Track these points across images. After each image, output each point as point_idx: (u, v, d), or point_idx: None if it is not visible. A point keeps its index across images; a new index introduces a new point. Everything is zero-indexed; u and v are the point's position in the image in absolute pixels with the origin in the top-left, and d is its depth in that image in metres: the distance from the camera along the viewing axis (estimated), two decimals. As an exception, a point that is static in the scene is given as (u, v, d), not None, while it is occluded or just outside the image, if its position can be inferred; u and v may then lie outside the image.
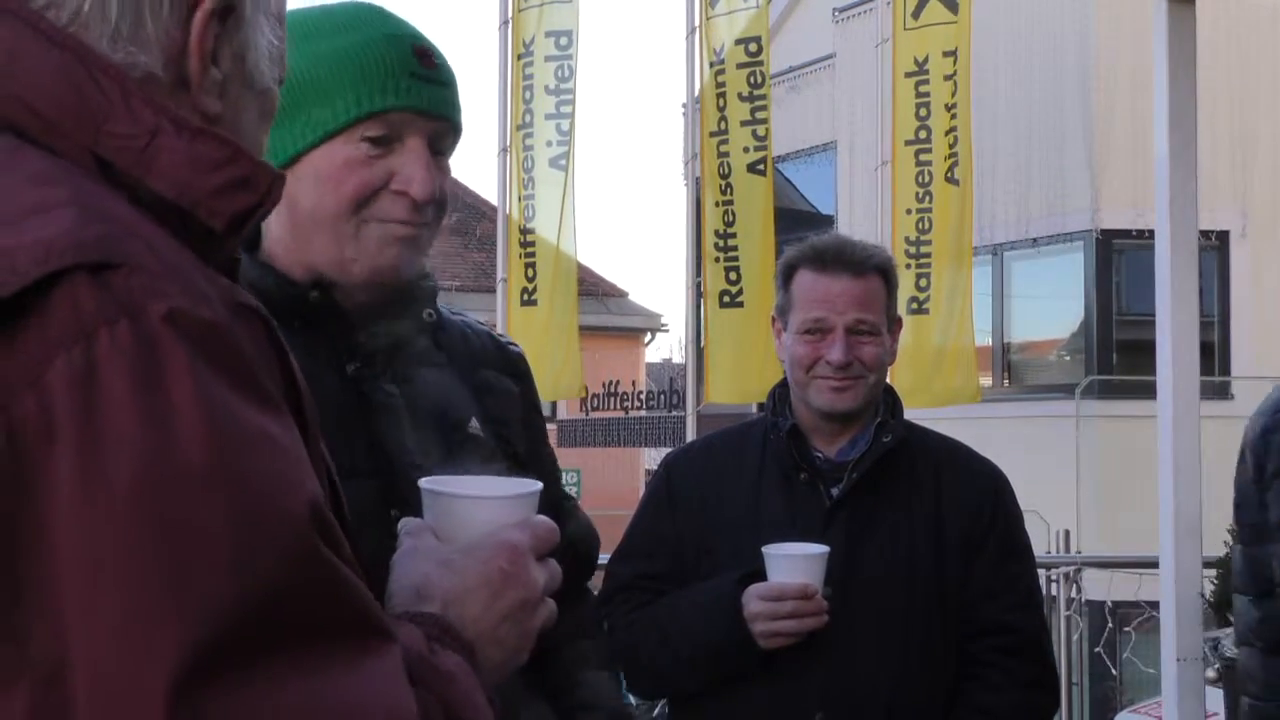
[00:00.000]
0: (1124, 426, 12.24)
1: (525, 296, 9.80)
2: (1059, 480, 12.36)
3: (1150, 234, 3.85)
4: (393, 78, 1.74)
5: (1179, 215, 3.59)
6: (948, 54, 8.80)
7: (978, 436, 3.35)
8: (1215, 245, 13.91)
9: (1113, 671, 8.82)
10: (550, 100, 9.84)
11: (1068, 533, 7.96)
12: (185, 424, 0.91)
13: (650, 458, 22.30)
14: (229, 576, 0.90)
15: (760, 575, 2.63)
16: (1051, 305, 15.03)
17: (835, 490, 2.79)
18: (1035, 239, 14.56)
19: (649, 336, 27.88)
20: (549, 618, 1.37)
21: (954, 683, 2.75)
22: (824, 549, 2.63)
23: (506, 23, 10.05)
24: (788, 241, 4.06)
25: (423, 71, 1.76)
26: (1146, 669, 8.16)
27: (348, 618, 0.97)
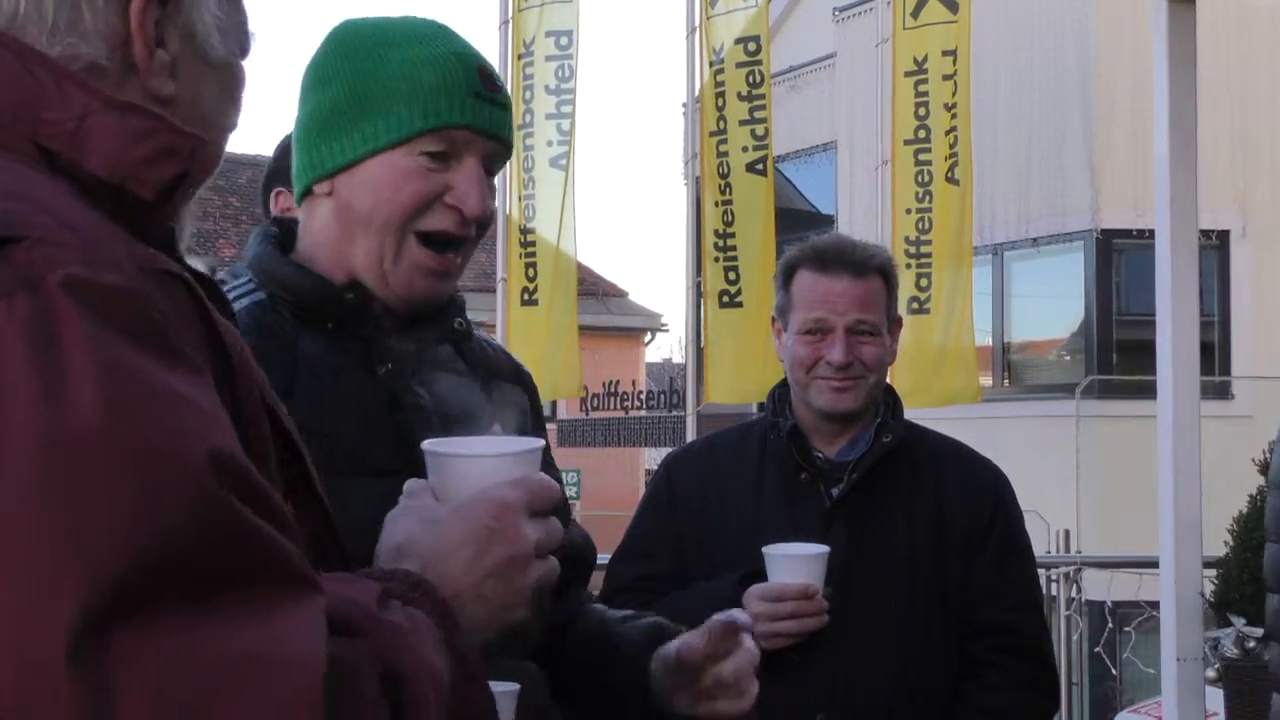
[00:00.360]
0: (1124, 426, 12.24)
1: (525, 296, 9.80)
2: (1059, 480, 12.35)
3: (1150, 234, 3.85)
4: (458, 96, 1.77)
5: (1179, 215, 3.59)
6: (947, 53, 8.80)
7: (978, 436, 3.35)
8: (1215, 245, 13.90)
9: (1113, 671, 8.82)
10: (550, 100, 9.84)
11: (1068, 533, 7.95)
12: (79, 384, 0.95)
13: (650, 458, 22.30)
14: (125, 527, 0.93)
15: (761, 576, 2.63)
16: (1051, 305, 15.03)
17: (835, 490, 2.79)
18: (1035, 239, 14.56)
19: (649, 336, 27.88)
20: (548, 575, 1.37)
21: (954, 683, 2.76)
22: (824, 549, 2.63)
23: (506, 23, 10.05)
24: (788, 241, 4.06)
25: (485, 92, 1.80)
26: (1146, 669, 8.16)
27: (256, 567, 0.99)
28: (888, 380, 2.95)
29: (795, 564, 2.63)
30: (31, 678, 0.90)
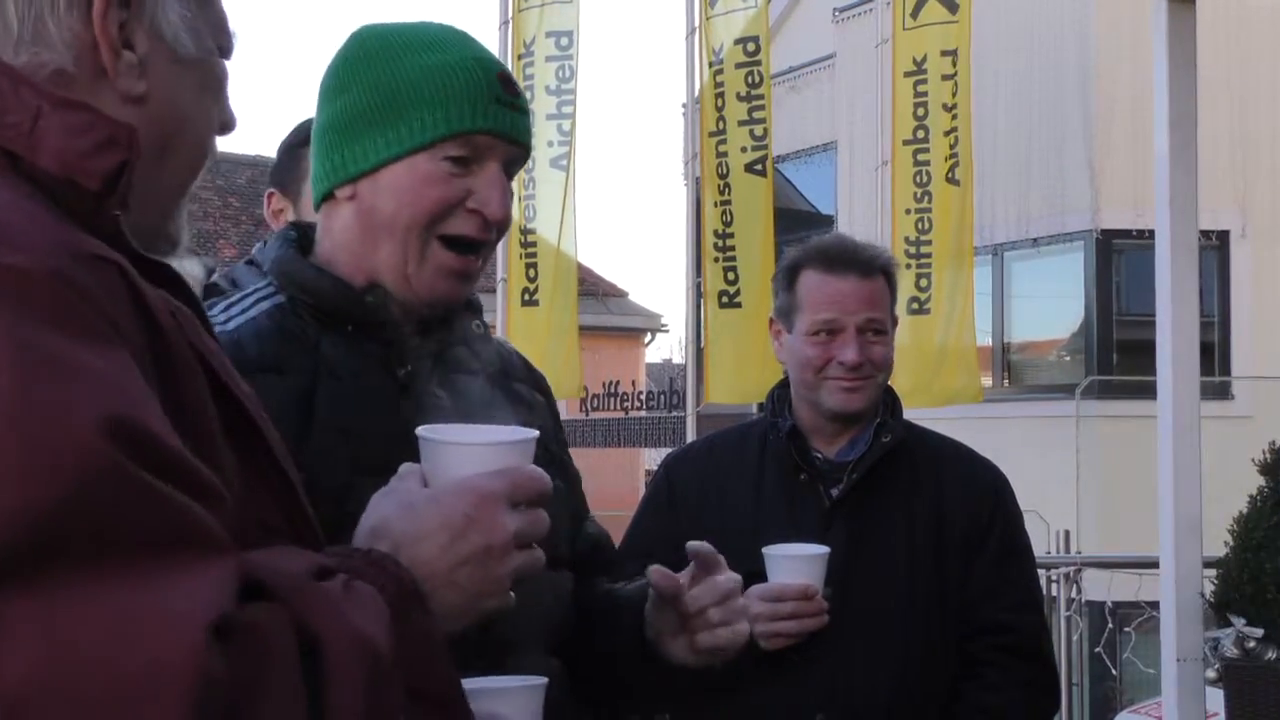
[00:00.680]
0: (1124, 426, 12.23)
1: (526, 296, 9.80)
2: (1059, 480, 12.35)
3: (1150, 234, 3.84)
4: (481, 101, 1.79)
5: (1179, 215, 3.58)
6: (946, 53, 8.80)
7: (978, 436, 3.35)
8: (1215, 245, 13.90)
9: (1113, 671, 8.81)
10: (551, 100, 9.84)
11: (1068, 533, 7.95)
12: None
13: (650, 458, 22.28)
14: (12, 494, 0.98)
15: (760, 576, 2.63)
16: (1051, 305, 15.02)
17: (835, 491, 2.79)
18: (1035, 239, 14.55)
19: (649, 337, 27.84)
20: (528, 565, 1.38)
21: (954, 683, 2.75)
22: (824, 550, 2.63)
23: (507, 23, 10.05)
24: (788, 242, 4.07)
25: (506, 97, 1.82)
26: (1146, 669, 8.15)
27: (152, 529, 1.03)
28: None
29: (795, 564, 2.62)
30: None
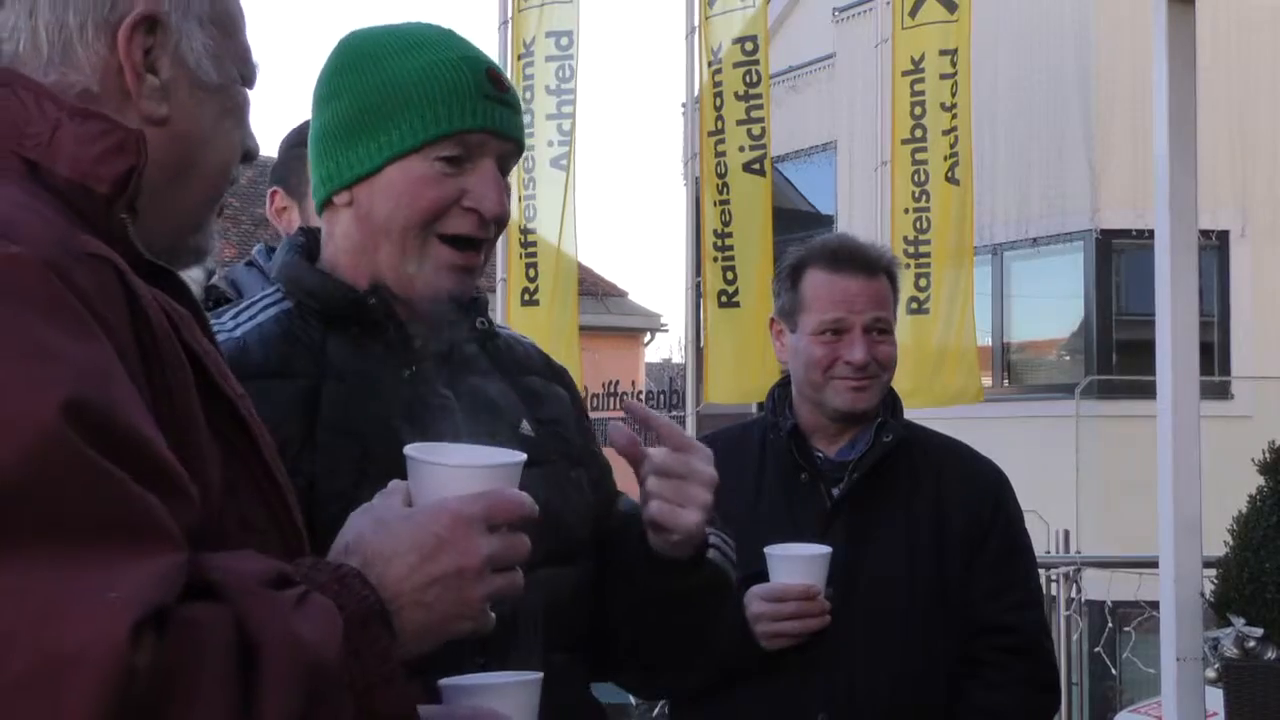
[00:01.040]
0: (1124, 426, 12.23)
1: (526, 296, 9.80)
2: (1059, 480, 12.35)
3: (1150, 234, 3.84)
4: (470, 100, 1.80)
5: (1179, 215, 3.58)
6: (944, 53, 8.79)
7: (978, 436, 3.35)
8: (1215, 245, 13.90)
9: (1112, 671, 8.82)
10: (551, 100, 9.84)
11: (1067, 533, 7.97)
12: None
13: (650, 458, 22.23)
14: None
15: (761, 576, 2.63)
16: (1051, 305, 15.02)
17: (836, 490, 2.79)
18: (1035, 239, 14.56)
19: (649, 336, 27.81)
20: (505, 588, 1.38)
21: (955, 682, 2.75)
22: (826, 550, 2.63)
23: (506, 23, 10.05)
24: (787, 242, 4.06)
25: (495, 94, 1.83)
26: (1146, 669, 8.16)
27: (97, 512, 1.06)
28: (886, 380, 2.96)
29: (797, 564, 2.62)
30: None
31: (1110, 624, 7.48)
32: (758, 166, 9.39)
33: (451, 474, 1.42)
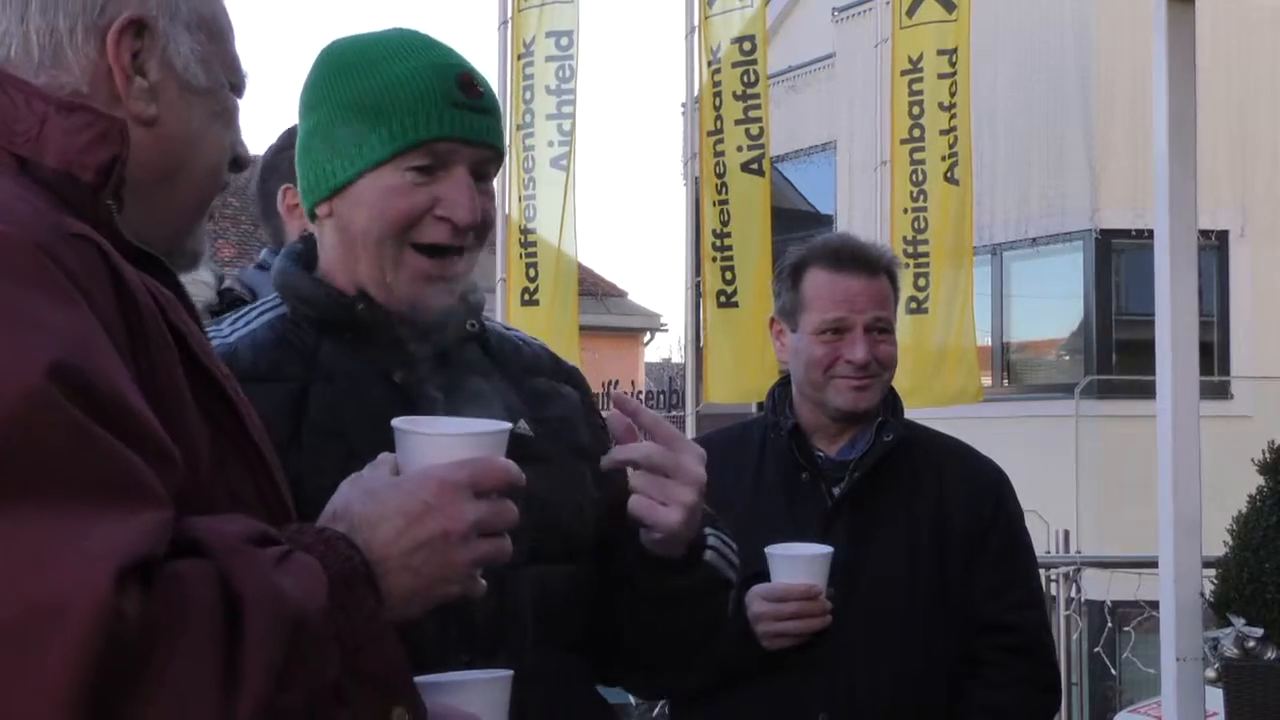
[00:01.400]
0: (1124, 426, 12.22)
1: (526, 296, 9.80)
2: (1059, 480, 12.34)
3: (1150, 234, 3.84)
4: (436, 108, 1.81)
5: (1178, 215, 3.58)
6: (943, 52, 8.79)
7: (978, 436, 3.35)
8: (1215, 245, 13.90)
9: (1112, 671, 8.82)
10: (551, 100, 9.83)
11: (1067, 533, 7.97)
12: None
13: (650, 458, 22.21)
14: None
15: (763, 576, 2.63)
16: (1051, 305, 15.01)
17: (837, 490, 2.79)
18: (1035, 239, 14.55)
19: (648, 336, 27.84)
20: (492, 553, 1.40)
21: (956, 681, 2.76)
22: (828, 549, 2.63)
23: (506, 23, 10.05)
24: (787, 242, 4.06)
25: (465, 100, 1.83)
26: (1146, 669, 8.15)
27: (82, 470, 1.10)
28: (886, 380, 2.96)
29: (798, 564, 2.62)
30: None
31: (1110, 624, 7.48)
32: (756, 166, 9.39)
33: (437, 442, 1.44)
